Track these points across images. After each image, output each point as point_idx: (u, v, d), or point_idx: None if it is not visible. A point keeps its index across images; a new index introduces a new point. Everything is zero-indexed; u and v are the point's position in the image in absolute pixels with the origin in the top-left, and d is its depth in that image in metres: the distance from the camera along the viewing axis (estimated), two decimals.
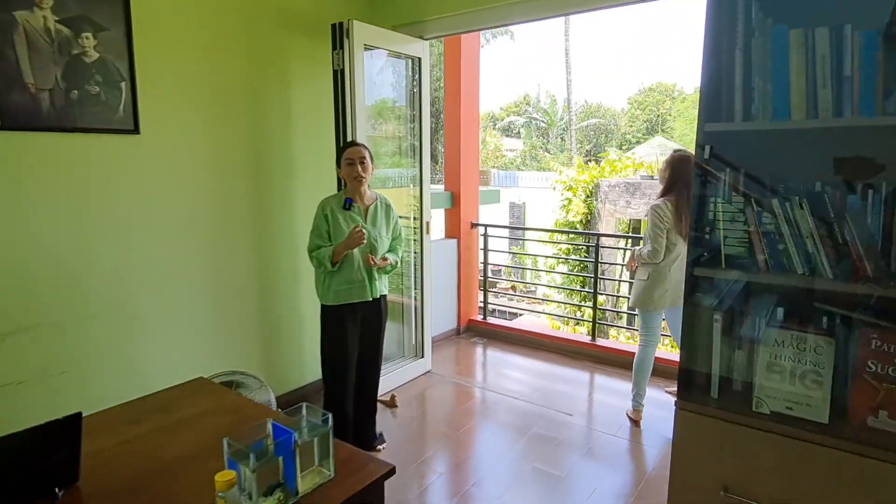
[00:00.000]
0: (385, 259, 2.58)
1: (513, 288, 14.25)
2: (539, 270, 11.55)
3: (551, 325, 7.72)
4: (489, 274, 5.04)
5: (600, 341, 4.27)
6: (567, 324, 7.84)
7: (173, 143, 2.62)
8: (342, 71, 3.00)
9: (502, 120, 34.78)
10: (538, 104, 33.60)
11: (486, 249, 4.86)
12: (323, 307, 2.59)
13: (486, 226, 4.80)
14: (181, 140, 2.65)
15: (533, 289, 13.91)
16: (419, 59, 3.44)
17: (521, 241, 15.71)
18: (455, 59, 4.42)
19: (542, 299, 9.32)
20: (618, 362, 4.06)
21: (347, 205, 2.49)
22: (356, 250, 2.48)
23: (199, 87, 2.69)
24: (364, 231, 2.41)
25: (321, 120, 3.28)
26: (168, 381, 2.61)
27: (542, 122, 31.85)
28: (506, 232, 15.89)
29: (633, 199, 8.18)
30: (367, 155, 2.52)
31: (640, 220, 9.97)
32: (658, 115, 34.02)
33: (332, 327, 2.59)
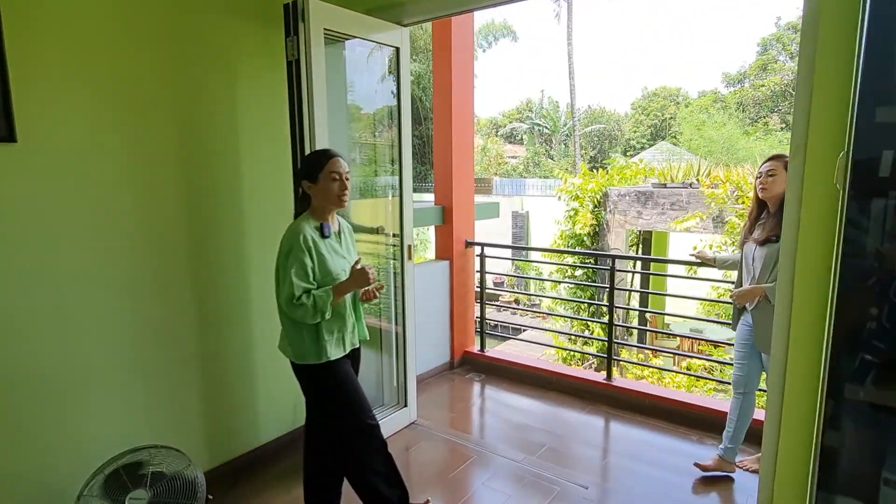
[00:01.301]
0: (381, 286, 2.14)
1: (515, 301, 13.63)
2: (543, 296, 10.93)
3: (558, 353, 7.09)
4: (486, 294, 4.42)
5: (617, 381, 3.64)
6: (573, 352, 7.19)
7: (70, 155, 2.02)
8: (297, 62, 2.41)
9: (504, 126, 34.24)
10: (541, 110, 33.06)
11: (482, 272, 4.24)
12: (317, 368, 2.00)
13: (482, 245, 4.18)
14: (82, 151, 2.05)
15: (537, 302, 13.29)
16: (397, 48, 2.85)
17: (524, 255, 15.07)
18: (445, 51, 3.83)
19: (541, 328, 8.70)
20: (637, 406, 3.43)
21: (327, 232, 2.01)
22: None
23: (105, 83, 2.09)
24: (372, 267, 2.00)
25: (280, 126, 2.69)
26: (73, 468, 2.01)
27: (546, 127, 31.29)
28: (507, 250, 15.30)
29: (645, 209, 7.55)
30: (348, 168, 2.04)
31: (651, 232, 9.34)
32: (663, 121, 33.43)
33: (342, 379, 2.04)
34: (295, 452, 2.75)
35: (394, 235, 3.06)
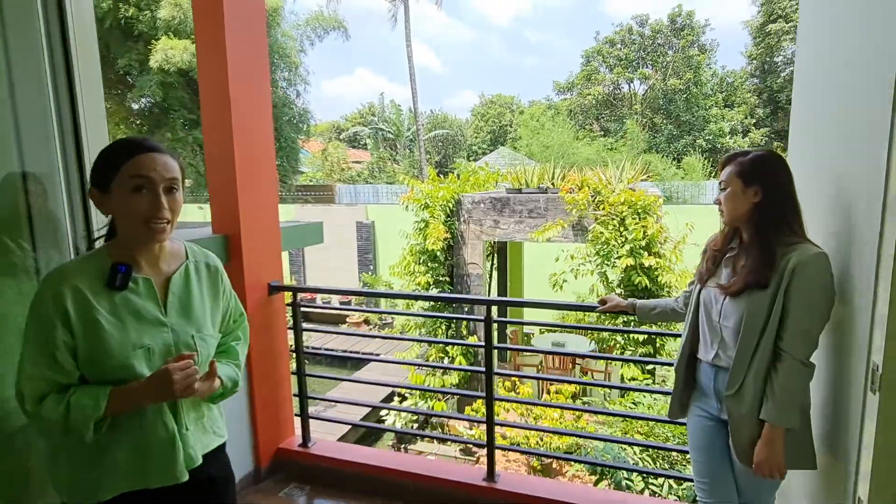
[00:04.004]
0: (213, 377, 1.28)
1: (365, 321, 12.26)
2: (391, 361, 9.76)
3: (413, 379, 5.91)
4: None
5: (502, 480, 2.51)
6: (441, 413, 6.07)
7: None
8: None
9: (347, 130, 32.69)
10: (383, 113, 32.17)
11: (297, 329, 2.81)
12: None
13: (295, 289, 2.77)
14: None
15: (390, 320, 12.06)
16: None
17: (372, 271, 13.73)
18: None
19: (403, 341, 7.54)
20: None
21: (120, 279, 1.16)
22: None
23: None
24: (194, 367, 1.18)
25: None
26: None
27: (390, 132, 30.43)
28: (352, 264, 13.51)
29: (502, 217, 6.73)
30: (178, 172, 1.21)
31: (507, 243, 8.63)
32: (500, 127, 34.71)
33: None
34: None
35: None
